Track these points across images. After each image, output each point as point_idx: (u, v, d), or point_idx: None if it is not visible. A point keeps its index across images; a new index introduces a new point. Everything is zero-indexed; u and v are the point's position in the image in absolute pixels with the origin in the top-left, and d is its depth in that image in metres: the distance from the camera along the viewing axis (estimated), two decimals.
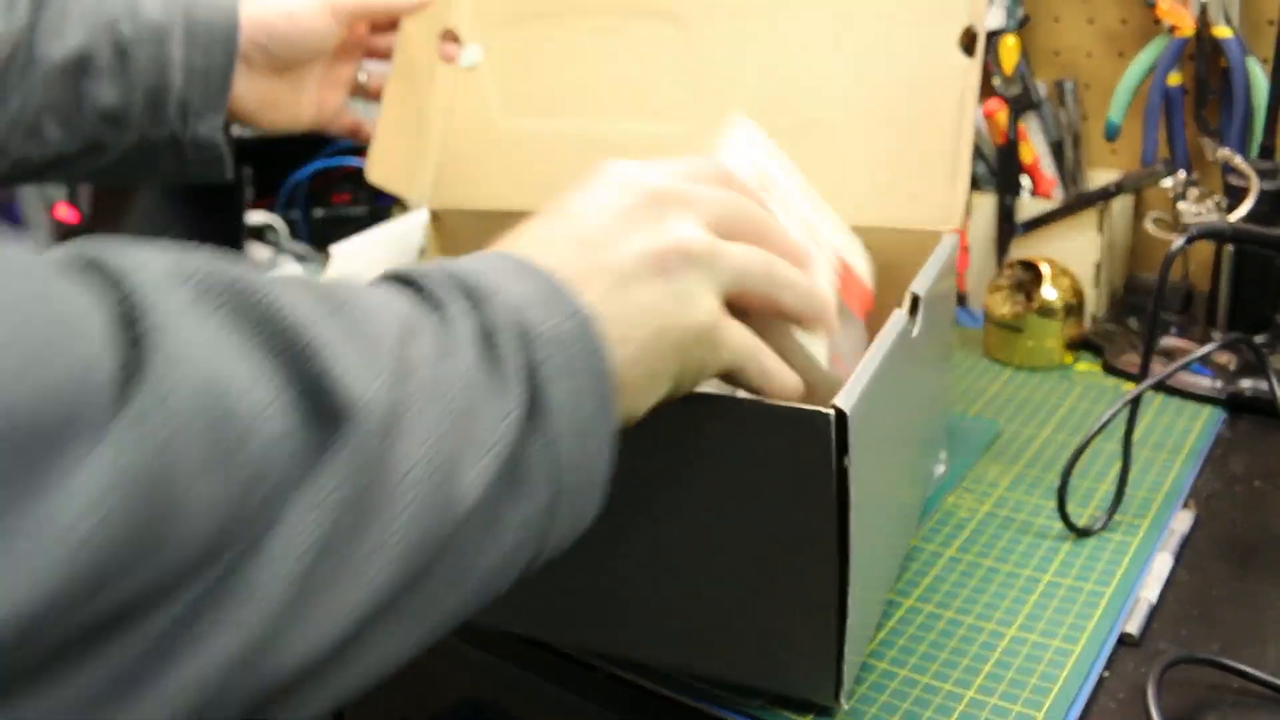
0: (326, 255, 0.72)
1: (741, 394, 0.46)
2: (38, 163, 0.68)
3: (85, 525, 0.22)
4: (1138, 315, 0.92)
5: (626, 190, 0.41)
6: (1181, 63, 0.89)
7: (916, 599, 0.60)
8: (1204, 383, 0.80)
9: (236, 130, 0.75)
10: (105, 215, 1.18)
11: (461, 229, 0.79)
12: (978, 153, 0.95)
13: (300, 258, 1.17)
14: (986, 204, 0.97)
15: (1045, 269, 0.86)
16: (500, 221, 0.44)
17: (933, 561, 0.63)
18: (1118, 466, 0.68)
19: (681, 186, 0.42)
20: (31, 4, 0.66)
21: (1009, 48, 0.95)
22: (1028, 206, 0.93)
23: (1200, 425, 0.76)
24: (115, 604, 0.23)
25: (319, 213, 1.23)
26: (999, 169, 0.96)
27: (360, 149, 0.78)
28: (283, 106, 0.74)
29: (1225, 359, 0.81)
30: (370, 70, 0.80)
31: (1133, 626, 0.56)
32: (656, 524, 0.50)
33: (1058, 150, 0.96)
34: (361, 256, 0.72)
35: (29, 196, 1.22)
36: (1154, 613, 0.58)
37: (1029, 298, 0.87)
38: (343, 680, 0.30)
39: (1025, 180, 0.96)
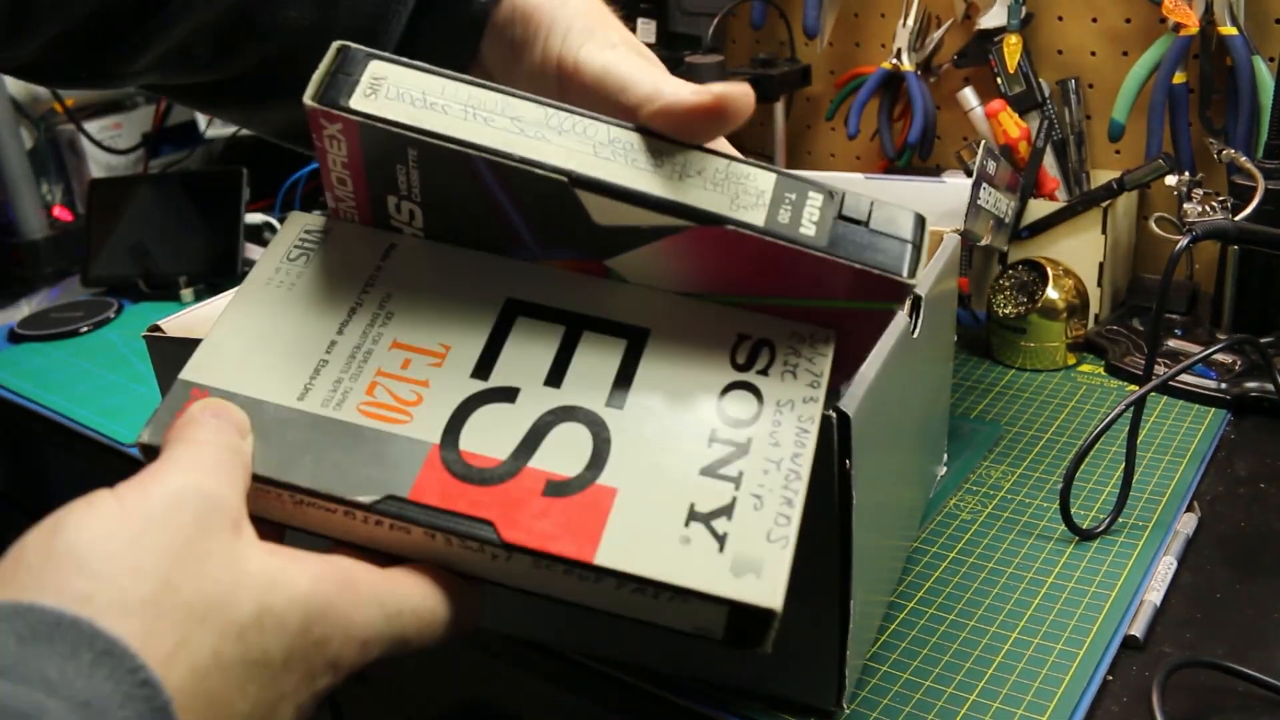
0: None
1: None
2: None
3: None
4: (1141, 316, 0.91)
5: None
6: (1186, 61, 0.89)
7: (918, 602, 0.60)
8: (1208, 384, 0.79)
9: (235, 132, 0.71)
10: (101, 216, 1.18)
11: None
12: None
13: None
14: None
15: (1049, 269, 0.86)
16: None
17: (935, 564, 0.63)
18: (1121, 469, 0.67)
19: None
20: None
21: (1012, 46, 0.95)
22: (1031, 207, 0.93)
23: (1204, 427, 0.76)
24: None
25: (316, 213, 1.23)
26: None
27: None
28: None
29: (1230, 360, 0.80)
30: None
31: (1137, 630, 0.56)
32: None
33: (1061, 150, 0.96)
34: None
35: (25, 197, 1.22)
36: (1158, 616, 0.57)
37: (1032, 298, 0.86)
38: None
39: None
